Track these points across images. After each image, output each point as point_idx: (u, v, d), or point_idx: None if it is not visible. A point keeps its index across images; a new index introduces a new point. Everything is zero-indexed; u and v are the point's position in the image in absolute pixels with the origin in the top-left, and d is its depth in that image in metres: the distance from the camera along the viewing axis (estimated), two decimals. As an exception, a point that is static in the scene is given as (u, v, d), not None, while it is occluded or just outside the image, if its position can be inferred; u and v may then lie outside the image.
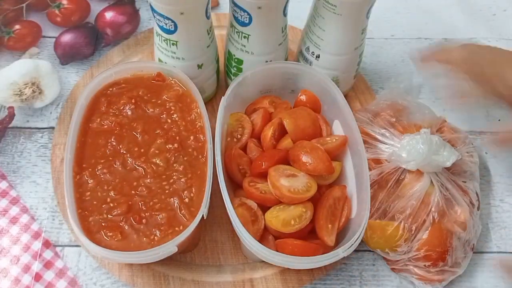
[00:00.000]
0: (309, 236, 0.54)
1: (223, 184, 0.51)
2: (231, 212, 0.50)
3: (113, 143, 0.55)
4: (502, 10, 0.81)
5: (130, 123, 0.57)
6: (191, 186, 0.53)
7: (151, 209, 0.52)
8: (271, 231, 0.53)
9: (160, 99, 0.59)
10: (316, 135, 0.58)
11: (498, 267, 0.57)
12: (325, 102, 0.62)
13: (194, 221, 0.49)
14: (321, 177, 0.55)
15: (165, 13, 0.54)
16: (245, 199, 0.54)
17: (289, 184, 0.52)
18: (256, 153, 0.57)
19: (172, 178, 0.53)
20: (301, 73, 0.62)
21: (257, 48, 0.60)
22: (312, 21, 0.60)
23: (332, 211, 0.54)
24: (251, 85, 0.61)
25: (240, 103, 0.62)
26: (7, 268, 0.55)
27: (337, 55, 0.61)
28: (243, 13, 0.56)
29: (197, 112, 0.58)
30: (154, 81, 0.60)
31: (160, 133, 0.56)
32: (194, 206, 0.52)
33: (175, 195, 0.52)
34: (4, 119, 0.66)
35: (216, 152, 0.53)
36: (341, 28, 0.58)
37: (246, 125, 0.59)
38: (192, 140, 0.56)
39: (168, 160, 0.54)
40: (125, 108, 0.58)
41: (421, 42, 0.77)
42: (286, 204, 0.53)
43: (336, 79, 0.63)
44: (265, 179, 0.54)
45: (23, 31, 0.75)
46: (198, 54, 0.60)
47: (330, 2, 0.55)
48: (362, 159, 0.55)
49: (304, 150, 0.54)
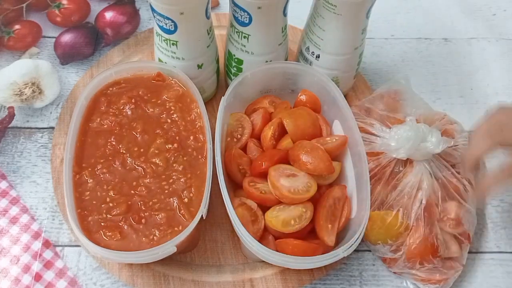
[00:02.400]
0: (309, 236, 0.54)
1: (223, 184, 0.51)
2: (231, 212, 0.50)
3: (112, 142, 0.56)
4: (502, 10, 0.81)
5: (130, 123, 0.57)
6: (190, 186, 0.53)
7: (151, 209, 0.52)
8: (271, 231, 0.53)
9: (160, 99, 0.59)
10: (316, 135, 0.58)
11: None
12: (325, 102, 0.62)
13: (193, 221, 0.49)
14: (321, 177, 0.55)
15: (165, 13, 0.54)
16: (245, 199, 0.54)
17: (289, 184, 0.52)
18: (256, 153, 0.57)
19: (172, 178, 0.53)
20: (301, 73, 0.62)
21: (257, 48, 0.60)
22: (312, 21, 0.60)
23: (332, 211, 0.54)
24: (251, 85, 0.61)
25: (240, 103, 0.62)
26: (7, 268, 0.55)
27: (337, 55, 0.61)
28: (243, 13, 0.56)
29: (197, 112, 0.58)
30: (154, 81, 0.60)
31: (160, 133, 0.56)
32: (194, 206, 0.52)
33: (174, 195, 0.52)
34: (4, 119, 0.66)
35: (216, 152, 0.53)
36: (341, 28, 0.58)
37: (246, 125, 0.59)
38: (192, 140, 0.56)
39: (167, 160, 0.54)
40: (125, 108, 0.58)
41: (421, 42, 0.77)
42: (286, 204, 0.53)
43: (336, 79, 0.63)
44: (265, 179, 0.54)
45: (23, 31, 0.75)
46: (198, 54, 0.60)
47: (330, 2, 0.55)
48: (362, 159, 0.55)
49: (304, 150, 0.54)
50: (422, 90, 0.71)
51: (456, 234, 0.55)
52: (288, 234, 0.52)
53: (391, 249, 0.55)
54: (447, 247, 0.54)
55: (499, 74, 0.74)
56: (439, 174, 0.56)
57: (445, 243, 0.54)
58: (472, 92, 0.72)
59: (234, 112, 0.60)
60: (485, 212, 0.62)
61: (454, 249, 0.55)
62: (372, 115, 0.60)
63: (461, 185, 0.57)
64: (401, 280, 0.57)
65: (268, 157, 0.55)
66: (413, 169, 0.56)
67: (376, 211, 0.55)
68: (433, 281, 0.54)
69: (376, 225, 0.55)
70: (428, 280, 0.54)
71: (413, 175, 0.55)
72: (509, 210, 0.62)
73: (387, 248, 0.55)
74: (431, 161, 0.56)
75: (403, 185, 0.55)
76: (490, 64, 0.74)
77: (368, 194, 0.53)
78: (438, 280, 0.54)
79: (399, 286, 0.56)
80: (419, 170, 0.56)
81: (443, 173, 0.56)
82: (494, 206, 0.62)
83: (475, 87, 0.72)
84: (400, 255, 0.55)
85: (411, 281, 0.56)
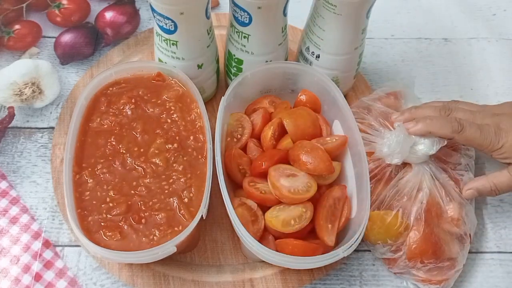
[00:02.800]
0: (309, 236, 0.54)
1: (223, 184, 0.51)
2: (231, 212, 0.50)
3: (112, 142, 0.55)
4: (502, 10, 0.81)
5: (130, 123, 0.57)
6: (190, 186, 0.53)
7: (151, 209, 0.52)
8: (271, 231, 0.53)
9: (160, 99, 0.59)
10: (316, 135, 0.58)
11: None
12: (325, 102, 0.62)
13: (193, 221, 0.49)
14: (321, 177, 0.55)
15: (165, 13, 0.54)
16: (245, 199, 0.54)
17: (289, 184, 0.52)
18: (256, 153, 0.57)
19: (172, 178, 0.53)
20: (301, 73, 0.62)
21: (257, 48, 0.60)
22: (312, 21, 0.60)
23: (332, 211, 0.54)
24: (251, 85, 0.61)
25: (240, 103, 0.62)
26: (7, 268, 0.55)
27: (337, 55, 0.61)
28: (243, 13, 0.56)
29: (197, 112, 0.58)
30: (154, 81, 0.60)
31: (160, 133, 0.56)
32: (194, 206, 0.52)
33: (174, 195, 0.52)
34: (4, 119, 0.66)
35: (216, 152, 0.53)
36: (341, 28, 0.58)
37: (246, 125, 0.59)
38: (192, 140, 0.56)
39: (167, 160, 0.54)
40: (125, 108, 0.58)
41: (421, 42, 0.77)
42: (286, 204, 0.53)
43: (336, 79, 0.63)
44: (265, 179, 0.54)
45: (23, 31, 0.75)
46: (198, 54, 0.60)
47: (330, 2, 0.55)
48: (362, 159, 0.55)
49: (304, 149, 0.54)
50: (422, 90, 0.71)
51: (457, 234, 0.55)
52: (288, 234, 0.51)
53: (391, 249, 0.55)
54: (448, 247, 0.54)
55: (499, 74, 0.74)
56: (439, 174, 0.56)
57: (446, 243, 0.54)
58: (472, 92, 0.72)
59: (234, 112, 0.60)
60: (485, 212, 0.62)
61: (455, 249, 0.55)
62: (372, 114, 0.60)
63: (459, 187, 0.57)
64: (401, 280, 0.57)
65: (268, 157, 0.55)
66: (413, 170, 0.56)
67: (376, 211, 0.55)
68: (434, 281, 0.54)
69: (376, 225, 0.55)
70: (429, 281, 0.54)
71: (412, 176, 0.55)
72: (509, 210, 0.62)
73: (387, 248, 0.55)
74: (429, 162, 0.56)
75: (403, 185, 0.55)
76: (490, 64, 0.74)
77: (368, 194, 0.53)
78: (438, 281, 0.54)
79: (399, 286, 0.56)
80: (419, 171, 0.56)
81: (443, 173, 0.56)
82: (494, 206, 0.62)
83: (475, 87, 0.72)
84: (400, 255, 0.55)
85: (411, 281, 0.56)
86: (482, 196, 0.58)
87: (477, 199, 0.60)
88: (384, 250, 0.56)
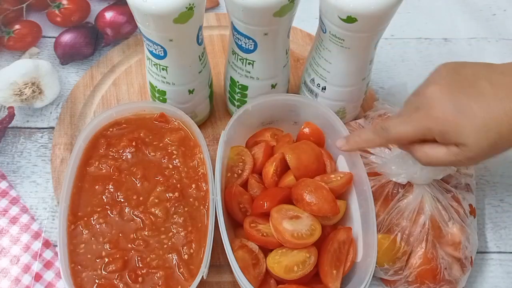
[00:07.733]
0: (313, 279, 0.52)
1: (223, 226, 0.49)
2: (231, 258, 0.48)
3: (110, 189, 0.53)
4: (502, 10, 0.81)
5: (129, 168, 0.55)
6: (191, 241, 0.51)
7: (148, 266, 0.49)
8: (273, 275, 0.51)
9: (162, 141, 0.57)
10: (320, 171, 0.56)
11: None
12: (329, 136, 0.59)
13: (194, 283, 0.47)
14: (325, 218, 0.53)
15: (153, 39, 0.52)
16: (246, 240, 0.52)
17: (293, 227, 0.50)
18: (258, 190, 0.55)
19: (171, 232, 0.51)
20: (304, 105, 0.59)
21: (262, 73, 0.58)
22: (317, 54, 0.57)
23: (337, 256, 0.52)
24: (252, 117, 0.59)
25: (240, 135, 0.60)
26: (7, 268, 0.55)
27: (344, 86, 0.59)
28: (247, 40, 0.54)
29: (200, 157, 0.55)
30: (156, 122, 0.58)
31: (160, 179, 0.54)
32: (194, 264, 0.50)
33: (173, 251, 0.50)
34: (4, 119, 0.66)
35: (216, 191, 0.51)
36: (349, 61, 0.56)
37: (247, 159, 0.57)
38: (194, 189, 0.54)
39: (167, 210, 0.52)
40: (125, 151, 0.56)
41: (421, 42, 0.77)
42: (289, 248, 0.51)
43: (343, 109, 0.61)
44: (267, 218, 0.52)
45: (23, 31, 0.75)
46: (189, 80, 0.58)
47: (338, 36, 0.53)
48: (369, 199, 0.52)
49: (308, 189, 0.52)
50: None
51: (459, 258, 0.53)
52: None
53: (389, 273, 0.53)
54: (448, 271, 0.53)
55: (499, 74, 0.73)
56: (440, 195, 0.54)
57: (447, 267, 0.53)
58: (472, 92, 0.72)
59: (234, 146, 0.58)
60: (485, 212, 0.62)
61: (456, 272, 0.53)
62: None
63: (461, 208, 0.55)
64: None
65: (270, 196, 0.53)
66: (414, 192, 0.54)
67: None
68: None
69: None
70: None
71: (413, 198, 0.53)
72: (509, 210, 0.62)
73: (383, 272, 0.54)
74: (431, 184, 0.54)
75: (403, 207, 0.53)
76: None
77: (375, 239, 0.51)
78: None
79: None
80: (419, 193, 0.53)
81: (444, 195, 0.54)
82: (494, 206, 0.62)
83: (475, 87, 0.72)
84: (399, 278, 0.53)
85: None
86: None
87: (477, 200, 0.60)
88: (381, 273, 0.54)
